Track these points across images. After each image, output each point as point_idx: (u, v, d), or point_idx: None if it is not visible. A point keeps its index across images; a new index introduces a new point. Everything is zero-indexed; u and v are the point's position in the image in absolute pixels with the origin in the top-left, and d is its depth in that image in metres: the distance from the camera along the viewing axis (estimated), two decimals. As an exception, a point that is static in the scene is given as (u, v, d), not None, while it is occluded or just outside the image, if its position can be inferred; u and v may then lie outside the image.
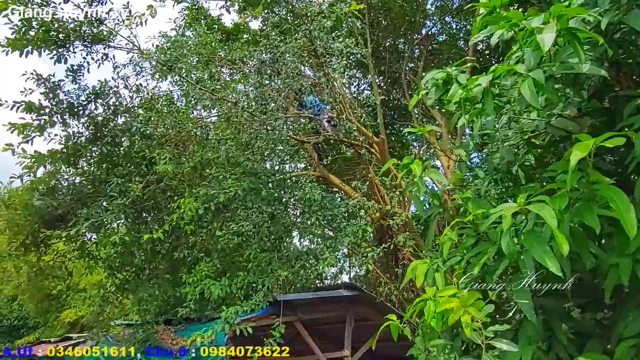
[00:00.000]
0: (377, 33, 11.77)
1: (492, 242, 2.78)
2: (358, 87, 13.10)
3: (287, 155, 6.55)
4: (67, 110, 6.31)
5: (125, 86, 6.77)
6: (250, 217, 6.33)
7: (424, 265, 2.99)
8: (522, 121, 3.66)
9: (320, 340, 7.75)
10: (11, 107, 6.07)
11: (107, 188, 5.92)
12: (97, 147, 6.55)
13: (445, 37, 13.21)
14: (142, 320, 7.35)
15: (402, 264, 7.60)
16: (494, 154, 3.57)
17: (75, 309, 17.73)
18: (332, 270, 10.71)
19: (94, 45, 6.06)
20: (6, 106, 6.07)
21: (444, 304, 2.59)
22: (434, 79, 3.28)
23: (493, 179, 3.69)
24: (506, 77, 2.68)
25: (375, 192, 8.50)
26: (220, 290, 5.56)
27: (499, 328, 2.11)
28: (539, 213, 2.10)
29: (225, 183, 5.58)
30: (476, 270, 2.67)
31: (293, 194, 6.43)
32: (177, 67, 6.37)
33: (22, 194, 6.77)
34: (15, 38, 5.47)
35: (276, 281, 5.89)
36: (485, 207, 2.78)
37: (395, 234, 7.64)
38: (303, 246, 6.58)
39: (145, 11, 5.62)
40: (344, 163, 10.97)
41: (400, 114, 13.79)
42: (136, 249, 6.43)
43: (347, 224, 6.02)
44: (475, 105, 2.96)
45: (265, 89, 6.42)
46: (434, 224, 3.33)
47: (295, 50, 5.95)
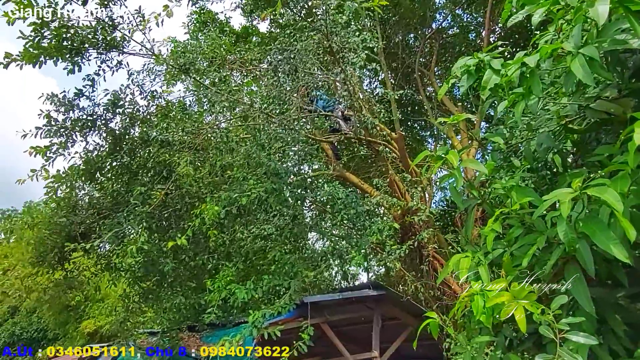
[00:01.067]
0: (388, 29, 11.64)
1: (539, 232, 2.65)
2: (370, 84, 12.98)
3: (306, 154, 6.45)
4: (85, 125, 6.29)
5: (140, 93, 6.73)
6: (272, 220, 6.24)
7: (466, 259, 2.86)
8: (554, 107, 3.52)
9: (346, 341, 7.62)
10: (35, 135, 6.11)
11: (128, 198, 5.88)
12: (116, 159, 6.54)
13: (456, 31, 13.03)
14: (166, 328, 7.31)
15: (427, 261, 7.45)
16: (530, 142, 3.43)
17: (94, 320, 17.81)
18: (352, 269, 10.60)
19: (108, 53, 6.01)
20: (30, 135, 6.10)
21: (494, 298, 2.46)
22: (466, 66, 3.15)
23: (529, 167, 3.55)
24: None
25: (395, 189, 8.36)
26: (245, 294, 5.47)
27: (572, 320, 1.97)
28: (600, 197, 1.97)
29: (246, 185, 5.50)
30: (526, 262, 2.53)
31: (315, 193, 6.33)
32: (193, 70, 6.30)
33: (45, 212, 6.83)
34: (28, 49, 5.41)
35: (302, 283, 5.78)
36: (531, 195, 2.64)
37: (418, 231, 7.51)
38: (327, 246, 6.46)
39: (161, 12, 5.55)
40: (361, 161, 10.85)
41: (413, 109, 13.64)
42: (158, 257, 6.37)
43: (372, 222, 5.90)
44: (513, 90, 2.84)
45: (281, 88, 6.33)
46: (472, 216, 3.20)
47: (311, 48, 5.85)
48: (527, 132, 3.51)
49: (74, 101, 6.31)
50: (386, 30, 11.43)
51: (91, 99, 6.44)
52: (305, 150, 6.29)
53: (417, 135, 14.74)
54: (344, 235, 6.76)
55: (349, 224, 6.28)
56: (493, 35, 12.14)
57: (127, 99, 6.58)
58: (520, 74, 2.76)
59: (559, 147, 3.40)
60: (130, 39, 6.00)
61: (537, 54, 2.37)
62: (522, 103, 2.63)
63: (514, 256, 2.83)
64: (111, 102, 6.47)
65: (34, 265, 6.97)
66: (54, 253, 6.77)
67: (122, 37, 5.97)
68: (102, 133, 6.53)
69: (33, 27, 5.42)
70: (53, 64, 5.67)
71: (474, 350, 3.30)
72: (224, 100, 6.09)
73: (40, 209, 7.10)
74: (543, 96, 3.37)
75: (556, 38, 2.84)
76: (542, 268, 2.59)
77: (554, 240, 2.57)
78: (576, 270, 2.39)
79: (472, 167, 3.03)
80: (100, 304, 17.36)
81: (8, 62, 5.50)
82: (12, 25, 5.17)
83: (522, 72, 2.76)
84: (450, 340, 5.61)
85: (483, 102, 3.55)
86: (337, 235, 7.26)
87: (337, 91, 7.64)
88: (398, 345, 7.99)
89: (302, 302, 6.26)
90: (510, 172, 3.60)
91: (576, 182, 2.15)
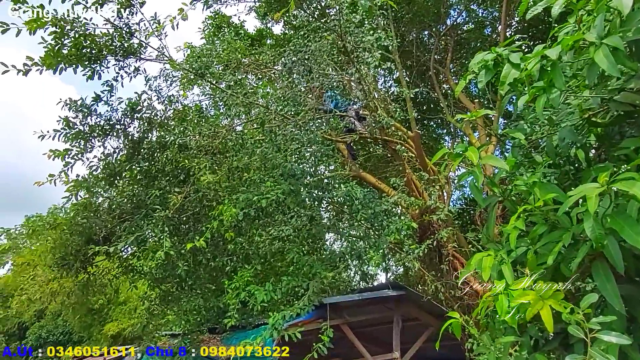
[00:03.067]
0: (401, 27, 11.56)
1: (564, 229, 2.58)
2: (384, 83, 12.91)
3: (323, 155, 6.43)
4: (104, 131, 6.38)
5: (157, 98, 6.79)
6: (289, 221, 6.24)
7: (489, 258, 2.80)
8: (575, 100, 3.44)
9: (366, 342, 7.58)
10: (53, 137, 6.21)
11: (147, 202, 5.94)
12: (135, 163, 6.61)
13: (471, 26, 12.87)
14: (187, 330, 7.36)
15: (447, 261, 7.36)
16: (552, 136, 3.35)
17: (117, 322, 18.08)
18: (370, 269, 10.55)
19: (125, 59, 6.09)
20: (48, 137, 6.20)
21: (519, 297, 2.41)
22: (484, 61, 3.09)
23: (551, 163, 3.47)
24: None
25: (413, 188, 8.28)
26: (265, 295, 5.48)
27: (603, 319, 1.91)
28: (629, 191, 1.90)
29: (264, 186, 5.50)
30: (551, 260, 2.47)
31: (332, 194, 6.30)
32: (209, 73, 6.34)
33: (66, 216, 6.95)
34: (49, 56, 5.51)
35: (320, 284, 5.76)
36: (555, 191, 2.58)
37: (437, 230, 7.42)
38: (344, 247, 6.43)
39: (176, 15, 5.59)
40: (377, 161, 10.79)
41: (429, 107, 13.51)
42: (178, 260, 6.42)
43: (390, 221, 5.85)
44: (533, 84, 2.77)
45: (296, 90, 6.33)
46: (493, 214, 3.14)
47: (325, 48, 5.83)
48: (549, 127, 3.42)
49: (92, 107, 6.40)
50: (400, 28, 11.35)
51: (109, 104, 6.53)
52: (321, 150, 6.27)
53: (434, 133, 14.60)
54: (361, 236, 6.72)
55: (366, 223, 6.24)
56: (509, 29, 11.95)
57: (144, 103, 6.65)
58: (540, 67, 2.70)
59: (582, 141, 3.31)
60: (147, 45, 6.07)
61: (558, 46, 2.31)
62: (543, 97, 2.57)
63: (538, 254, 2.77)
64: (130, 107, 6.56)
65: (58, 267, 7.08)
66: (77, 256, 6.87)
67: (139, 43, 6.03)
68: (120, 138, 6.62)
69: (53, 36, 5.51)
70: (72, 72, 5.77)
71: (498, 350, 3.23)
72: (239, 103, 6.11)
73: (61, 213, 7.23)
74: (565, 89, 3.29)
75: (576, 29, 2.77)
76: (568, 266, 2.53)
77: (580, 237, 2.51)
78: (604, 267, 2.32)
79: (492, 164, 2.97)
80: (122, 307, 17.64)
81: (27, 69, 5.59)
82: (34, 34, 5.27)
83: (542, 66, 2.70)
84: (472, 341, 5.52)
85: (501, 98, 3.49)
86: (354, 236, 7.22)
87: (351, 91, 7.60)
88: (419, 346, 7.91)
89: (321, 303, 6.24)
90: (530, 168, 3.52)
91: (603, 177, 2.08)
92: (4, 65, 5.38)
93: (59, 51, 5.51)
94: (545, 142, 3.47)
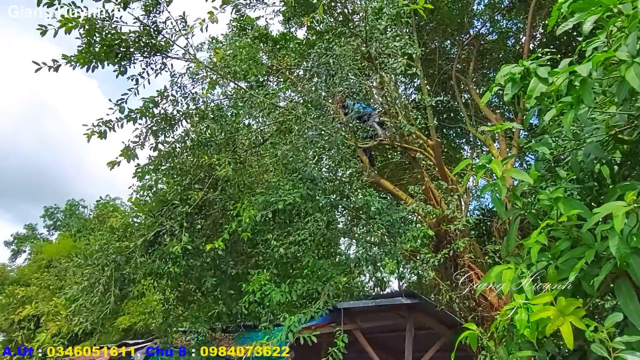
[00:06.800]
0: (424, 35, 11.55)
1: (587, 245, 2.57)
2: (405, 90, 12.89)
3: (342, 159, 6.45)
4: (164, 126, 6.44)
5: (182, 95, 6.83)
6: (305, 225, 6.28)
7: (509, 271, 2.80)
8: (600, 116, 3.42)
9: (378, 349, 7.55)
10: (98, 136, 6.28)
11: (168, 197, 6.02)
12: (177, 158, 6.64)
13: (495, 37, 12.80)
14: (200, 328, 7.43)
15: (463, 271, 7.32)
16: (577, 152, 3.33)
17: (129, 316, 18.28)
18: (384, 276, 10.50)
19: (152, 56, 6.18)
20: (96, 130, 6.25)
21: (539, 312, 2.41)
22: (511, 74, 3.10)
23: (575, 178, 3.45)
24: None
25: (430, 196, 8.26)
26: (280, 296, 5.52)
27: (629, 339, 1.90)
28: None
29: (283, 190, 5.56)
30: (572, 276, 2.46)
31: (350, 200, 6.32)
32: (232, 75, 6.43)
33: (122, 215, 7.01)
34: (82, 53, 5.66)
35: (335, 288, 5.79)
36: (580, 207, 2.57)
37: (453, 239, 7.38)
38: (360, 252, 6.44)
39: (205, 18, 5.69)
40: (395, 168, 10.77)
41: (449, 116, 13.45)
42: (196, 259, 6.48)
43: (407, 229, 5.84)
44: (560, 99, 2.77)
45: (318, 93, 6.38)
46: (515, 227, 3.13)
47: (349, 53, 5.88)
48: (574, 142, 3.41)
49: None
50: (422, 36, 11.35)
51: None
52: (341, 154, 6.30)
53: (453, 142, 14.52)
54: (377, 242, 6.73)
55: (383, 230, 6.25)
56: (533, 41, 11.85)
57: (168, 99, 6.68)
58: (568, 82, 2.70)
59: (607, 157, 3.29)
60: (174, 43, 6.17)
61: (589, 62, 2.31)
62: (571, 113, 2.57)
63: (559, 269, 2.76)
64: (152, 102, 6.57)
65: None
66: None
67: (167, 41, 6.13)
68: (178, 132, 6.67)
69: (85, 34, 5.66)
70: (101, 68, 5.90)
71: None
72: (260, 104, 6.18)
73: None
74: (594, 106, 3.28)
75: (605, 46, 2.76)
76: (590, 283, 2.52)
77: (603, 255, 2.50)
78: (627, 286, 2.31)
79: (516, 177, 2.97)
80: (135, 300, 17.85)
81: (57, 65, 5.72)
82: (69, 34, 5.42)
83: (570, 81, 2.70)
84: (485, 353, 5.48)
85: (527, 111, 3.48)
86: (370, 242, 7.22)
87: (373, 97, 7.62)
88: (431, 356, 7.86)
89: (334, 307, 6.26)
90: (552, 183, 3.51)
91: (630, 195, 2.08)
92: (36, 64, 5.54)
93: (91, 49, 5.65)
94: (569, 157, 3.45)
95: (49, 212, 26.67)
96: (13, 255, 26.08)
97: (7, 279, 20.80)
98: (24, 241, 26.31)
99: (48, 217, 26.61)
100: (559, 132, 4.25)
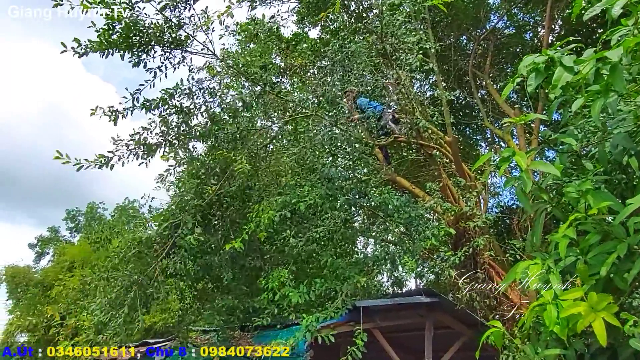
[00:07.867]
0: (439, 31, 11.41)
1: (619, 239, 2.47)
2: (421, 87, 12.75)
3: (360, 156, 6.38)
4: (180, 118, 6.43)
5: (200, 90, 6.77)
6: (324, 223, 6.23)
7: (536, 267, 2.71)
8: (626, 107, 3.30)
9: (397, 348, 7.46)
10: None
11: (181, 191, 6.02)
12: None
13: (512, 31, 12.58)
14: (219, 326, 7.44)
15: (483, 269, 7.19)
16: (604, 143, 3.22)
17: (149, 316, 18.46)
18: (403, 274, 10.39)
19: (172, 50, 6.12)
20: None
21: (570, 308, 2.32)
22: (534, 64, 3.01)
23: (602, 170, 3.33)
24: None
25: (448, 194, 8.14)
26: (298, 297, 5.49)
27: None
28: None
29: (300, 190, 5.52)
30: (604, 271, 2.37)
31: (367, 198, 6.25)
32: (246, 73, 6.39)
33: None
34: (99, 40, 5.58)
35: (353, 287, 5.73)
36: (610, 199, 2.47)
37: (472, 237, 7.26)
38: (378, 251, 6.37)
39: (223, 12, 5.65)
40: (411, 165, 10.65)
41: (465, 112, 13.27)
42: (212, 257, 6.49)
43: (426, 227, 5.76)
44: (588, 88, 2.68)
45: (333, 91, 6.33)
46: (540, 221, 3.04)
47: (364, 50, 5.82)
48: (600, 134, 3.29)
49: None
50: (438, 32, 11.21)
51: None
52: (359, 151, 6.23)
53: (469, 139, 14.33)
54: (395, 241, 6.65)
55: (401, 228, 6.17)
56: (552, 34, 11.62)
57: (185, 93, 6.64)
58: (595, 70, 2.60)
59: (636, 148, 3.18)
60: (194, 38, 6.10)
61: (619, 47, 2.22)
62: (599, 101, 2.47)
63: (588, 264, 2.66)
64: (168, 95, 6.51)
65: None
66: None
67: (187, 36, 6.06)
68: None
69: (106, 22, 5.57)
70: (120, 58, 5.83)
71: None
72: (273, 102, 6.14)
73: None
74: (626, 92, 3.16)
75: (630, 33, 2.65)
76: (623, 278, 2.42)
77: (635, 249, 2.40)
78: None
79: (542, 169, 2.87)
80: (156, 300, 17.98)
81: (84, 51, 5.60)
82: (86, 13, 5.31)
83: (597, 69, 2.60)
84: (508, 352, 5.36)
85: (551, 102, 3.38)
86: (388, 240, 7.14)
87: (388, 94, 7.54)
88: (451, 355, 7.74)
89: (353, 306, 6.19)
90: (577, 176, 3.40)
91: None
92: (63, 45, 5.49)
93: (109, 36, 5.58)
94: (594, 149, 3.34)
95: (70, 214, 27.07)
96: (37, 257, 26.53)
97: (32, 280, 21.18)
98: (48, 243, 26.73)
99: (70, 219, 27.01)
100: (583, 124, 4.13)
